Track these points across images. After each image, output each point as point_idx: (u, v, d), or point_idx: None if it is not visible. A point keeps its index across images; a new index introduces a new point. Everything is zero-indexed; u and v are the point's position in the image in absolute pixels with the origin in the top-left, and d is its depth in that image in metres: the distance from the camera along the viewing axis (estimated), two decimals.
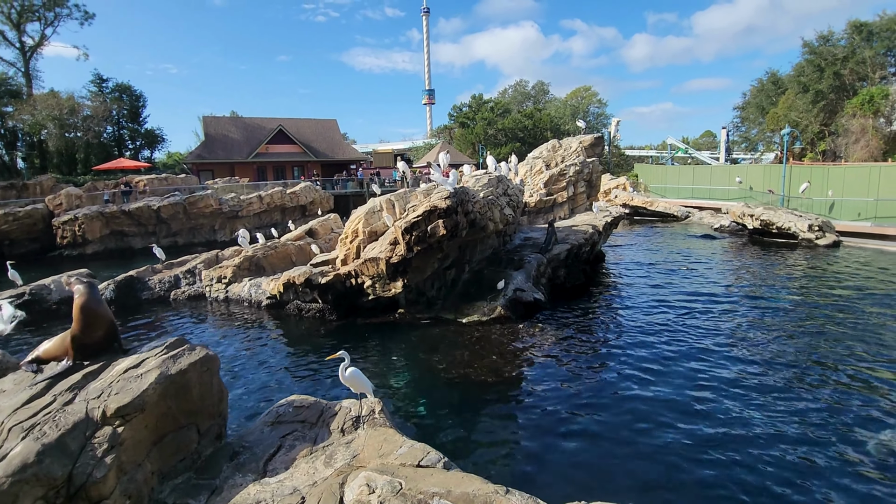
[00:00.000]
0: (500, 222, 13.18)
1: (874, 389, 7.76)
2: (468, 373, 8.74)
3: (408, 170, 16.08)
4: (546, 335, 10.64)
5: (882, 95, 29.62)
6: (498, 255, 14.48)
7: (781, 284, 15.00)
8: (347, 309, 12.20)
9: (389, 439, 4.59)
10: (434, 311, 12.03)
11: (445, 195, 10.68)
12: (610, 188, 38.80)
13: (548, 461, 6.00)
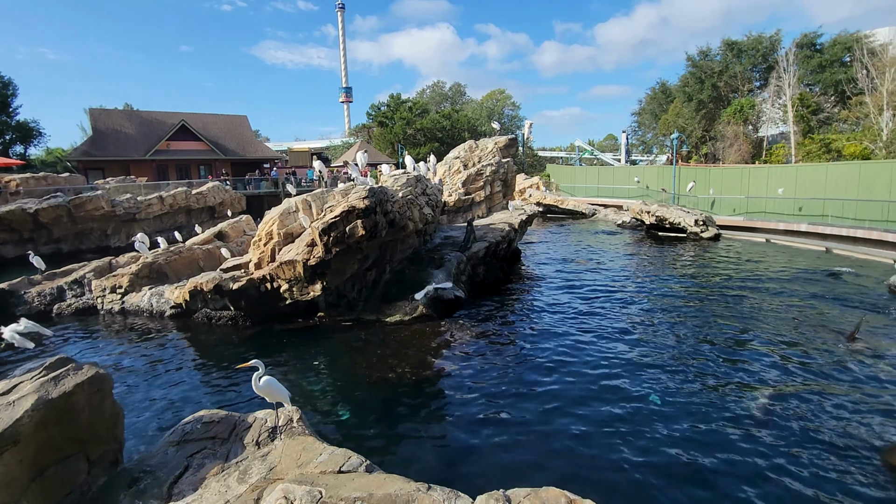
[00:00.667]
0: (420, 222, 13.28)
1: (748, 360, 8.89)
2: (392, 373, 8.72)
3: (324, 169, 15.62)
4: (467, 331, 10.91)
5: (749, 106, 33.93)
6: (419, 255, 14.57)
7: (674, 273, 16.66)
8: (263, 315, 11.61)
9: (309, 448, 4.47)
10: (355, 313, 11.84)
11: (364, 195, 10.54)
12: (524, 187, 40.54)
13: (471, 455, 6.16)
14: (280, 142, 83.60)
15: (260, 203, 33.26)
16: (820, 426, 6.60)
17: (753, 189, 25.85)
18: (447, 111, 57.91)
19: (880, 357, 8.86)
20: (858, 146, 24.96)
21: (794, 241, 21.56)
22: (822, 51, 31.36)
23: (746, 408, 7.20)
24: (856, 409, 7.01)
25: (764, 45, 35.03)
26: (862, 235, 18.92)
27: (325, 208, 11.39)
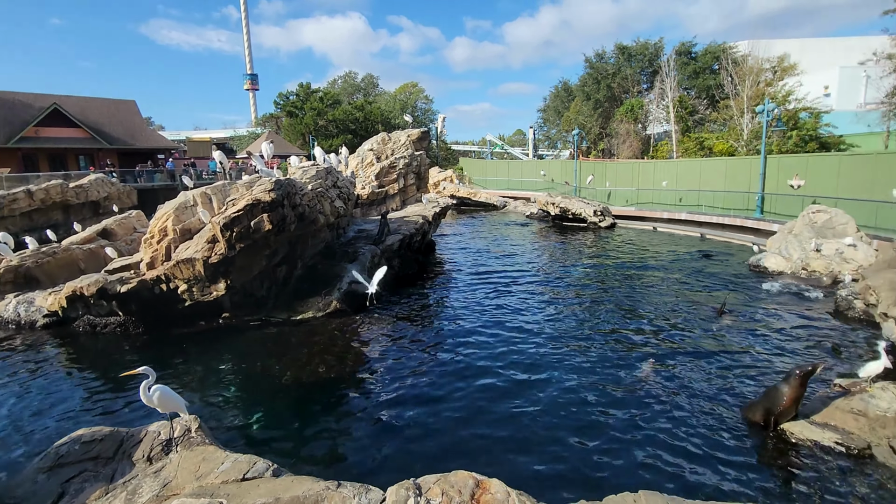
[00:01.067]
0: (332, 215, 12.97)
1: (639, 334, 9.88)
2: (305, 372, 8.49)
3: (226, 160, 14.61)
4: (382, 325, 10.91)
5: (639, 106, 37.27)
6: (332, 249, 14.22)
7: (577, 260, 17.94)
8: (158, 319, 10.67)
9: (210, 458, 4.23)
10: (265, 312, 11.31)
11: (269, 187, 10.06)
12: (438, 180, 41.08)
13: (387, 448, 6.19)
14: (177, 131, 76.55)
15: (154, 197, 30.21)
16: (694, 388, 7.54)
17: (642, 182, 28.51)
18: (360, 102, 56.64)
19: (743, 327, 10.30)
20: (725, 144, 28.55)
21: (676, 228, 24.18)
22: (696, 58, 35.34)
23: (636, 376, 8.01)
24: (722, 373, 8.10)
25: (650, 50, 38.62)
26: (728, 222, 21.73)
27: (228, 202, 10.71)
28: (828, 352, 8.90)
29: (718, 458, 5.81)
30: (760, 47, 30.51)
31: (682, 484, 5.30)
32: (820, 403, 6.60)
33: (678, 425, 6.52)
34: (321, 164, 14.60)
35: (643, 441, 6.17)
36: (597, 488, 4.03)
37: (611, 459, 5.84)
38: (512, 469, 5.56)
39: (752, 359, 8.68)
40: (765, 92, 27.29)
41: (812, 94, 28.50)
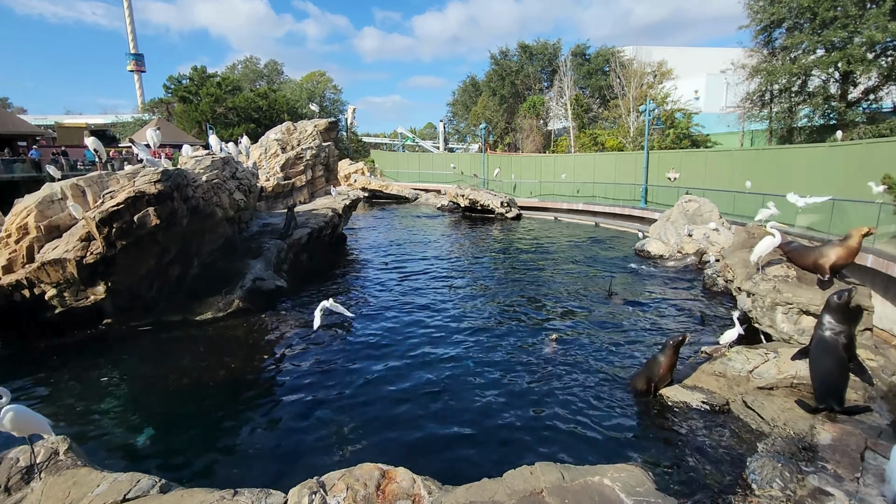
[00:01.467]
0: (231, 208, 12.19)
1: (542, 315, 10.56)
2: (204, 377, 7.94)
3: (101, 147, 12.95)
4: (290, 322, 10.51)
5: (540, 103, 39.39)
6: (233, 244, 13.36)
7: (485, 250, 18.63)
8: (20, 330, 9.31)
9: (82, 481, 3.82)
10: (156, 315, 10.36)
11: (156, 178, 9.18)
12: (349, 173, 40.19)
13: (294, 449, 6.00)
14: (44, 115, 66.41)
15: (13, 190, 26.03)
16: (588, 363, 8.26)
17: (545, 175, 30.26)
18: (263, 90, 53.24)
19: (629, 305, 11.43)
20: (615, 140, 31.26)
21: (574, 218, 26.05)
22: (590, 60, 38.13)
23: (539, 355, 8.58)
24: (612, 348, 8.95)
25: (549, 50, 40.91)
26: (618, 212, 23.88)
27: (105, 195, 9.60)
28: (698, 322, 10.20)
29: (609, 425, 6.44)
30: (643, 53, 33.72)
31: (576, 452, 5.81)
32: (690, 369, 7.56)
33: (574, 398, 7.11)
34: (217, 154, 13.61)
35: (543, 416, 6.65)
36: (499, 465, 4.28)
37: (513, 436, 6.22)
38: (420, 455, 5.70)
39: (637, 333, 9.69)
40: (647, 93, 30.22)
41: (685, 97, 32.14)
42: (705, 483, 5.14)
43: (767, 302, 7.74)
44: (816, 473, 4.73)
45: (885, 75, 21.81)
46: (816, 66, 22.06)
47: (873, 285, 9.35)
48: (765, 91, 24.57)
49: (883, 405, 5.97)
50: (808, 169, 16.10)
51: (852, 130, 21.92)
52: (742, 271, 8.84)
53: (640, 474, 3.46)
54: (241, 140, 19.14)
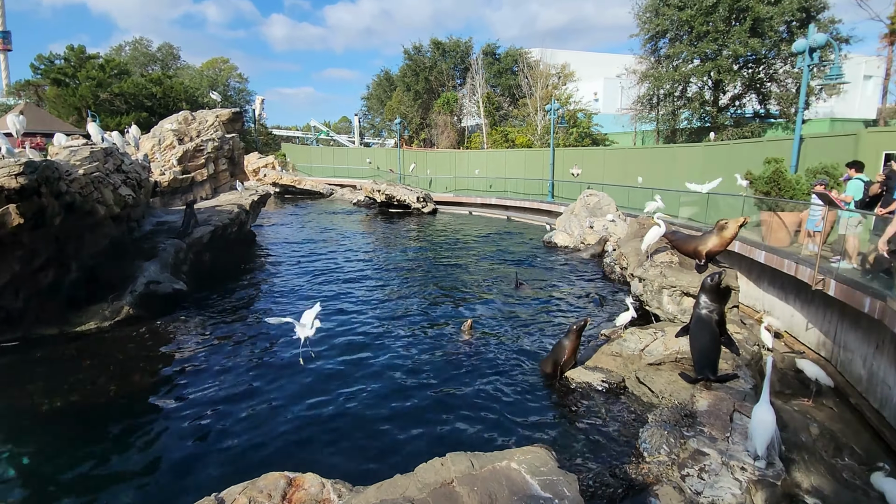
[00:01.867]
0: (117, 205, 10.97)
1: (459, 306, 10.78)
2: (86, 396, 7.07)
3: None
4: (190, 328, 9.72)
5: (454, 99, 40.04)
6: (122, 245, 12.03)
7: (402, 245, 18.62)
8: None
9: None
10: (24, 329, 9.04)
11: (17, 170, 7.97)
12: (258, 167, 38.08)
13: (190, 468, 5.53)
14: None
15: None
16: (500, 351, 8.59)
17: (459, 170, 30.88)
18: (157, 75, 48.25)
19: (538, 294, 12.05)
20: (524, 137, 32.73)
21: (488, 212, 26.91)
22: (500, 60, 39.43)
23: (453, 346, 8.77)
24: (523, 335, 9.39)
25: (461, 48, 41.65)
26: (528, 206, 25.07)
27: None
28: (597, 306, 11.03)
29: (519, 409, 6.76)
30: (548, 55, 35.55)
31: (489, 438, 6.03)
32: (592, 351, 8.16)
33: (487, 386, 7.37)
34: (99, 144, 12.15)
35: (457, 405, 6.81)
36: (413, 459, 4.31)
37: (428, 428, 6.29)
38: (332, 458, 5.58)
39: (545, 320, 10.27)
40: (552, 94, 31.94)
41: (586, 98, 34.44)
42: (604, 455, 5.59)
43: (655, 286, 8.57)
44: (695, 437, 5.33)
45: (746, 85, 25.05)
46: (694, 74, 24.74)
47: (739, 268, 10.73)
48: (652, 95, 27.08)
49: (747, 372, 6.89)
50: (688, 166, 18.06)
51: (722, 132, 24.95)
52: (634, 259, 9.69)
53: (544, 454, 3.68)
54: (128, 129, 17.29)
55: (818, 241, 8.31)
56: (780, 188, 10.21)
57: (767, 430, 4.71)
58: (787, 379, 7.74)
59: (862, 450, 6.12)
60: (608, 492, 4.74)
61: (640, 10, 26.35)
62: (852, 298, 7.05)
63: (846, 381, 7.69)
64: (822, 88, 22.00)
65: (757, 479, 4.61)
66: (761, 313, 10.33)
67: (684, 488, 4.64)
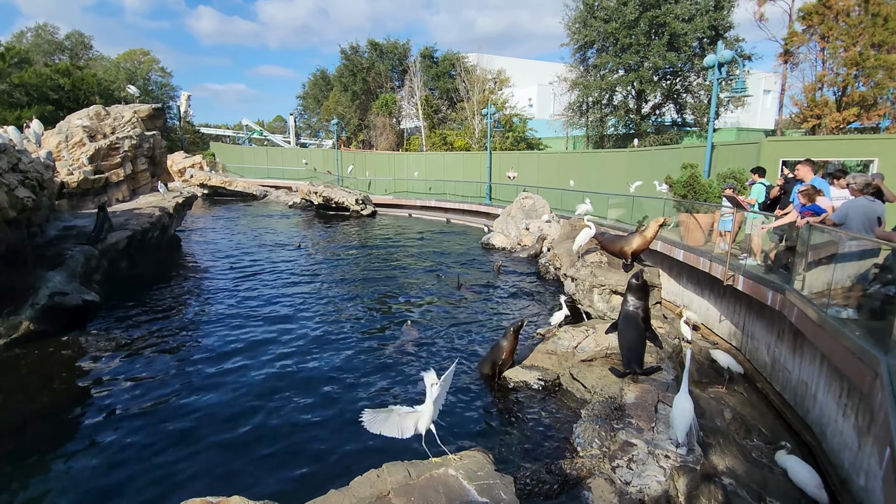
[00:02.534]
0: (13, 208, 9.85)
1: (401, 308, 10.67)
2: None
3: None
4: (103, 343, 8.89)
5: (392, 101, 39.79)
6: (20, 253, 10.81)
7: (340, 248, 18.18)
8: None
9: None
10: None
11: None
12: (184, 167, 35.80)
13: (105, 493, 5.09)
14: None
15: None
16: (441, 352, 8.60)
17: (398, 172, 30.71)
18: (64, 66, 43.72)
19: (477, 295, 12.21)
20: (463, 141, 33.15)
21: (427, 214, 26.96)
22: (438, 63, 39.68)
23: (392, 351, 8.66)
24: (463, 336, 9.46)
25: (399, 50, 41.46)
26: (467, 208, 25.41)
27: None
28: (537, 307, 11.36)
29: (459, 411, 6.79)
30: (484, 60, 36.25)
31: (429, 444, 5.99)
32: (528, 350, 8.37)
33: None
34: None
35: (396, 391, 6.74)
36: (350, 471, 4.17)
37: (366, 438, 6.11)
38: (263, 477, 5.31)
39: (485, 320, 10.42)
40: (489, 98, 32.61)
41: (521, 103, 35.48)
42: (540, 453, 5.74)
43: (587, 285, 8.95)
44: (624, 429, 5.61)
45: (665, 95, 26.93)
46: (619, 83, 26.24)
47: (662, 266, 11.48)
48: (582, 102, 28.41)
49: (669, 364, 7.36)
50: (615, 170, 19.10)
51: (645, 139, 26.64)
52: (567, 259, 10.08)
53: (481, 458, 3.70)
54: (29, 124, 15.61)
55: (728, 241, 9.07)
56: (695, 191, 11.04)
57: (687, 418, 5.04)
58: (704, 368, 8.35)
59: (768, 430, 6.72)
60: (545, 489, 4.86)
61: (569, 21, 27.56)
62: (757, 292, 7.73)
63: (754, 368, 8.43)
64: (729, 100, 24.13)
65: (679, 466, 4.92)
66: (682, 308, 11.10)
67: (615, 479, 4.86)
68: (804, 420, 6.63)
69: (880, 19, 16.16)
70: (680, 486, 4.74)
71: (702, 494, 4.83)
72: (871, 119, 17.15)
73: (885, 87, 16.45)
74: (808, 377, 6.66)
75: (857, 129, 17.48)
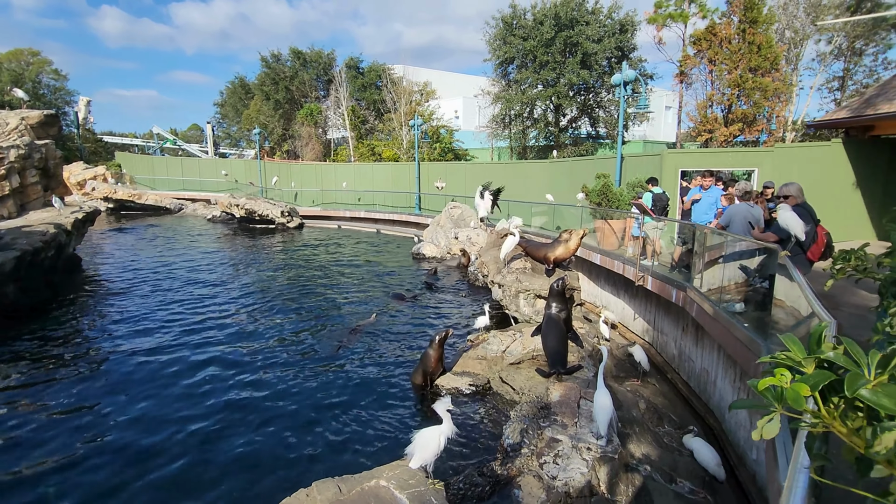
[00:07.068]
0: None
1: (332, 320, 10.40)
2: None
3: None
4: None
5: (318, 111, 38.96)
6: None
7: (267, 262, 17.41)
8: None
9: None
10: None
11: None
12: (85, 179, 32.61)
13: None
14: None
15: None
16: (371, 364, 8.52)
17: (326, 183, 30.06)
18: None
19: (407, 305, 12.23)
20: (391, 151, 33.15)
21: (357, 225, 26.61)
22: (364, 74, 39.47)
23: (327, 362, 8.46)
24: (397, 347, 9.44)
25: (324, 59, 40.71)
26: (397, 218, 25.41)
27: None
28: (468, 313, 11.59)
29: (391, 423, 6.77)
30: (411, 72, 36.63)
31: (360, 458, 5.91)
32: (459, 357, 8.54)
33: (358, 404, 7.24)
34: None
35: (326, 429, 6.57)
36: (281, 493, 4.02)
37: (293, 459, 5.95)
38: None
39: (417, 331, 10.46)
40: (416, 110, 32.95)
41: (447, 115, 36.21)
42: (472, 457, 5.87)
43: (513, 291, 9.31)
44: (550, 426, 5.89)
45: (580, 109, 28.76)
46: (538, 98, 27.63)
47: (581, 269, 12.20)
48: (505, 115, 29.56)
49: (590, 362, 7.83)
50: (537, 180, 20.04)
51: (563, 150, 28.24)
52: (494, 267, 10.43)
53: (412, 468, 3.74)
54: None
55: (638, 245, 9.86)
56: (608, 199, 11.89)
57: (606, 411, 5.41)
58: (622, 364, 8.97)
59: (678, 417, 7.35)
60: (477, 491, 4.98)
61: (490, 38, 28.66)
62: (664, 291, 8.47)
63: (664, 361, 9.19)
64: (634, 116, 26.29)
65: (600, 457, 5.25)
66: (600, 308, 11.85)
67: (542, 475, 5.09)
68: (707, 405, 7.33)
69: (755, 47, 18.48)
70: (601, 475, 5.07)
71: (621, 481, 5.20)
72: (752, 134, 19.47)
73: (761, 106, 18.79)
74: (709, 366, 7.38)
75: (741, 143, 19.75)
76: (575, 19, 25.73)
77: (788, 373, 0.90)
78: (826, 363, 0.86)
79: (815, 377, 0.83)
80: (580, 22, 25.65)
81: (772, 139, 19.52)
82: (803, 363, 0.87)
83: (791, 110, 21.51)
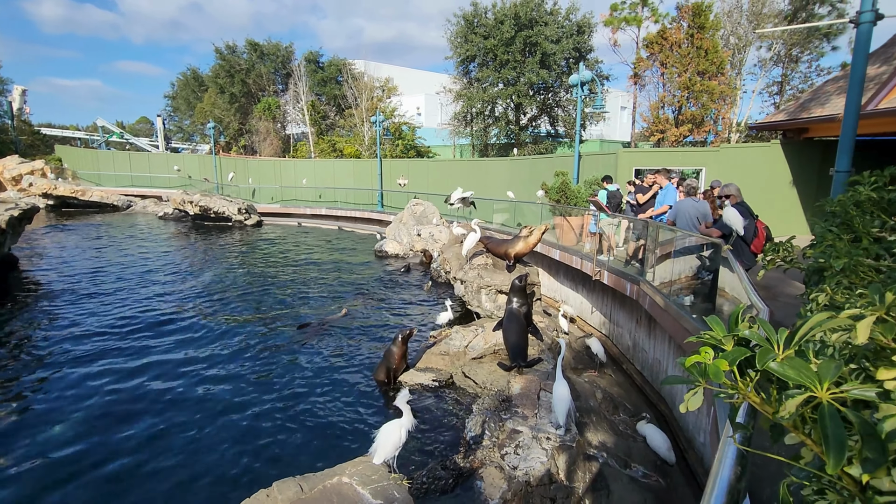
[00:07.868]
0: None
1: (295, 322, 10.20)
2: None
3: None
4: None
5: (276, 105, 37.93)
6: None
7: (224, 262, 16.84)
8: None
9: None
10: None
11: None
12: (21, 174, 30.50)
13: None
14: None
15: None
16: (338, 363, 8.43)
17: (285, 180, 29.35)
18: None
19: (374, 303, 12.15)
20: (353, 148, 32.72)
21: (318, 222, 26.14)
22: (324, 68, 38.71)
23: (289, 362, 8.31)
24: (360, 345, 9.36)
25: (282, 52, 39.64)
26: (359, 215, 25.14)
27: None
28: (430, 309, 11.63)
29: (355, 419, 6.74)
30: (372, 68, 36.23)
31: (325, 456, 5.87)
32: (423, 353, 8.58)
33: (322, 402, 7.17)
34: None
35: (289, 428, 6.48)
36: (235, 495, 3.94)
37: (254, 459, 5.85)
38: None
39: (381, 328, 10.42)
40: (377, 106, 32.65)
41: (409, 112, 36.07)
42: (435, 451, 5.93)
43: (475, 286, 9.43)
44: (512, 418, 6.03)
45: (540, 108, 29.32)
46: (499, 96, 27.97)
47: (541, 265, 12.49)
48: (466, 113, 29.76)
49: (549, 354, 8.05)
50: (498, 177, 20.31)
51: (524, 148, 28.73)
52: (456, 263, 10.52)
53: (376, 463, 3.75)
54: None
55: (595, 241, 10.19)
56: (567, 196, 12.22)
57: (564, 402, 5.59)
58: (580, 356, 9.27)
59: (632, 405, 7.67)
60: (440, 484, 5.05)
61: (452, 36, 28.74)
62: (619, 285, 8.81)
63: (620, 352, 9.56)
64: (591, 115, 27.07)
65: (559, 446, 5.43)
66: (559, 302, 12.18)
67: (504, 466, 5.21)
68: (659, 393, 7.69)
69: (702, 51, 19.42)
70: (560, 463, 5.25)
71: (578, 468, 5.39)
72: (701, 134, 20.49)
73: (709, 108, 19.79)
74: (661, 355, 7.74)
75: (691, 143, 20.72)
76: (534, 19, 26.19)
77: (712, 350, 0.99)
78: (743, 341, 0.96)
79: (733, 353, 0.93)
80: (539, 22, 26.13)
81: (718, 140, 20.58)
82: (723, 341, 0.97)
83: (736, 112, 22.79)
